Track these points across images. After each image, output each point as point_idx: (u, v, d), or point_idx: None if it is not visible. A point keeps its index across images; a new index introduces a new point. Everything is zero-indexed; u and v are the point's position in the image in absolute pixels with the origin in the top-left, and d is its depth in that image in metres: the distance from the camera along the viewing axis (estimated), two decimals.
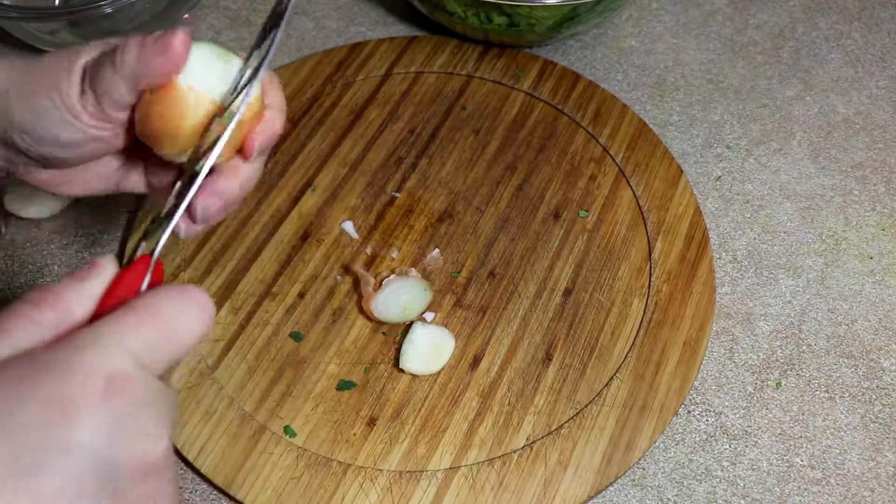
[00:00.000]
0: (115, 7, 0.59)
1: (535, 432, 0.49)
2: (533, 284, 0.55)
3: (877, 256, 0.59)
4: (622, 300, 0.55)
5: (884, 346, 0.55)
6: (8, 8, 0.59)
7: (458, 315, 0.54)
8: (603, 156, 0.61)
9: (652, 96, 0.67)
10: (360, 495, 0.47)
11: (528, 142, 0.62)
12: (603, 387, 0.51)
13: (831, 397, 0.53)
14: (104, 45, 0.35)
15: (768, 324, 0.55)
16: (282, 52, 0.69)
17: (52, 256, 0.58)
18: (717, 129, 0.65)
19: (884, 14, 0.73)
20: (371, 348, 0.52)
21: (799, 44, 0.71)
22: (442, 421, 0.50)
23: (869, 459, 0.50)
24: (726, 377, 0.53)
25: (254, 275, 0.55)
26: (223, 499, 0.48)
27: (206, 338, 0.52)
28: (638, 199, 0.59)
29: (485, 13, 0.61)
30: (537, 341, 0.53)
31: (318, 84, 0.64)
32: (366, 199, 0.59)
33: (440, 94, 0.64)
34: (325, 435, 0.49)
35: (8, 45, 0.69)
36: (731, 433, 0.51)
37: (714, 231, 0.59)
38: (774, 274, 0.58)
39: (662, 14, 0.72)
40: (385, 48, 0.66)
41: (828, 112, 0.66)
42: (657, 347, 0.52)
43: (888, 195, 0.62)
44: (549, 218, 0.58)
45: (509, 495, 0.47)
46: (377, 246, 0.56)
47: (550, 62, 0.66)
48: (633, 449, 0.49)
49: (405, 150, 0.61)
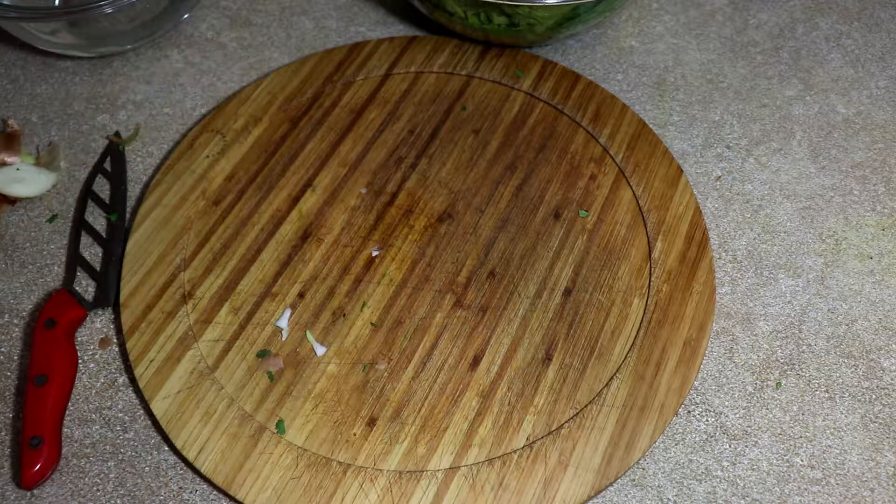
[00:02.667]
0: (115, 7, 0.59)
1: (535, 432, 0.49)
2: (533, 284, 0.55)
3: (877, 256, 0.59)
4: (622, 300, 0.55)
5: (884, 346, 0.55)
6: (8, 8, 0.59)
7: (458, 315, 0.54)
8: (603, 156, 0.61)
9: (652, 96, 0.67)
10: (360, 495, 0.47)
11: (528, 142, 0.62)
12: (603, 387, 0.51)
13: (831, 397, 0.53)
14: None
15: (768, 324, 0.55)
16: (282, 52, 0.69)
17: (51, 256, 0.58)
18: (717, 129, 0.65)
19: (884, 14, 0.73)
20: (371, 348, 0.52)
21: (799, 44, 0.71)
22: (442, 421, 0.50)
23: (869, 459, 0.50)
24: (726, 377, 0.53)
25: (254, 275, 0.55)
26: (223, 499, 0.49)
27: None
28: (638, 199, 0.59)
29: (485, 13, 0.61)
30: (537, 341, 0.53)
31: (318, 84, 0.64)
32: (366, 199, 0.59)
33: (440, 94, 0.64)
34: (325, 435, 0.49)
35: (8, 45, 0.69)
36: (731, 433, 0.51)
37: (714, 231, 0.59)
38: (774, 274, 0.58)
39: (662, 14, 0.72)
40: (385, 48, 0.66)
41: (828, 112, 0.66)
42: (657, 347, 0.52)
43: (888, 195, 0.62)
44: (549, 218, 0.58)
45: (509, 495, 0.47)
46: (377, 246, 0.57)
47: (550, 62, 0.66)
48: (633, 449, 0.49)
49: (405, 150, 0.61)
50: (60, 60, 0.68)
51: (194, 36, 0.70)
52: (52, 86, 0.67)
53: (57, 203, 0.60)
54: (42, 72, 0.67)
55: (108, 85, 0.67)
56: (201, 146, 0.61)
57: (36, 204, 0.60)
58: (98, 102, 0.66)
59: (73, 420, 0.51)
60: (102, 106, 0.65)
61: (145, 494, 0.49)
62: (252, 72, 0.68)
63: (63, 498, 0.48)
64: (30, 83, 0.67)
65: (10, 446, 0.50)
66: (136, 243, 0.56)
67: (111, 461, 0.50)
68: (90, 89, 0.66)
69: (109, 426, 0.51)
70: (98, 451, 0.50)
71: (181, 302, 0.54)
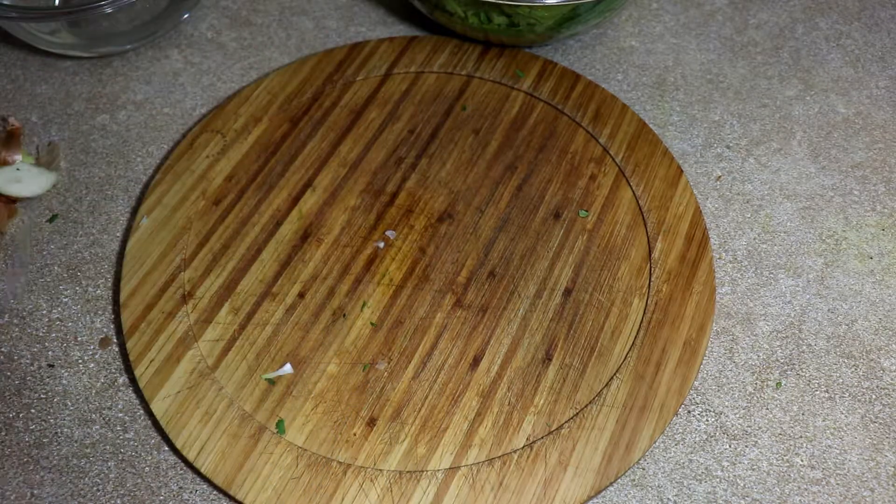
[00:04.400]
0: (115, 7, 0.59)
1: (535, 432, 0.49)
2: (533, 284, 0.55)
3: (877, 256, 0.59)
4: (622, 300, 0.55)
5: (884, 346, 0.55)
6: (8, 8, 0.59)
7: (458, 315, 0.54)
8: (603, 156, 0.61)
9: (652, 96, 0.67)
10: (360, 495, 0.47)
11: (528, 142, 0.62)
12: (603, 387, 0.51)
13: (831, 397, 0.53)
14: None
15: (768, 324, 0.55)
16: (282, 52, 0.69)
17: (52, 256, 0.58)
18: (717, 129, 0.65)
19: (884, 14, 0.73)
20: (371, 348, 0.52)
21: (799, 44, 0.71)
22: (442, 421, 0.50)
23: (869, 459, 0.50)
24: (726, 377, 0.53)
25: (254, 275, 0.55)
26: (223, 499, 0.49)
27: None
28: (638, 199, 0.59)
29: (485, 13, 0.61)
30: (537, 341, 0.53)
31: (318, 84, 0.64)
32: (366, 199, 0.59)
33: (440, 94, 0.64)
34: (325, 435, 0.49)
35: (8, 44, 0.69)
36: (731, 433, 0.51)
37: (714, 231, 0.59)
38: (774, 274, 0.58)
39: (662, 14, 0.72)
40: (385, 48, 0.66)
41: (828, 112, 0.66)
42: (657, 347, 0.52)
43: (888, 195, 0.62)
44: (549, 218, 0.58)
45: (509, 495, 0.47)
46: (377, 246, 0.57)
47: (550, 62, 0.66)
48: (633, 449, 0.49)
49: (405, 150, 0.61)
50: (60, 60, 0.68)
51: (194, 36, 0.70)
52: (52, 86, 0.67)
53: (57, 203, 0.60)
54: (42, 72, 0.67)
55: (108, 85, 0.67)
56: (201, 146, 0.61)
57: (36, 204, 0.60)
58: (98, 102, 0.66)
59: (74, 420, 0.51)
60: (102, 106, 0.65)
61: (145, 494, 0.49)
62: (252, 72, 0.68)
63: (63, 498, 0.48)
64: (30, 83, 0.67)
65: (9, 446, 0.50)
66: (136, 243, 0.56)
67: (111, 461, 0.50)
68: (90, 89, 0.66)
69: (109, 426, 0.51)
70: (98, 451, 0.50)
71: (181, 302, 0.54)
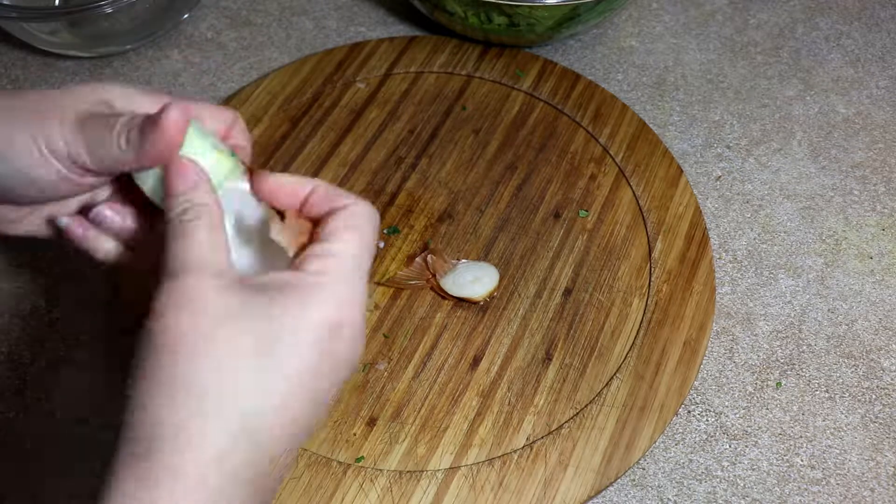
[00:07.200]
0: (115, 7, 0.59)
1: (535, 432, 0.49)
2: (533, 284, 0.55)
3: (877, 256, 0.59)
4: (622, 300, 0.55)
5: (884, 346, 0.55)
6: (8, 8, 0.59)
7: (458, 315, 0.54)
8: (603, 156, 0.61)
9: (652, 96, 0.67)
10: (360, 495, 0.47)
11: (528, 142, 0.62)
12: (603, 387, 0.51)
13: (831, 397, 0.53)
14: (96, 93, 0.36)
15: (768, 324, 0.55)
16: (282, 52, 0.69)
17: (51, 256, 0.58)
18: (717, 129, 0.65)
19: (884, 14, 0.73)
20: (371, 348, 0.52)
21: (799, 44, 0.71)
22: (442, 421, 0.50)
23: (869, 459, 0.50)
24: (726, 377, 0.53)
25: None
26: None
27: None
28: (638, 199, 0.59)
29: (485, 13, 0.61)
30: (537, 341, 0.53)
31: (318, 84, 0.64)
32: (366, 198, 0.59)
33: (440, 93, 0.64)
34: (325, 435, 0.49)
35: (8, 44, 0.69)
36: (731, 433, 0.51)
37: (714, 231, 0.59)
38: (774, 274, 0.58)
39: (662, 14, 0.72)
40: (385, 48, 0.66)
41: (828, 112, 0.66)
42: (657, 347, 0.52)
43: (888, 195, 0.62)
44: (549, 218, 0.58)
45: (509, 495, 0.47)
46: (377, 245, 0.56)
47: (550, 62, 0.66)
48: (633, 449, 0.49)
49: (405, 150, 0.61)
50: (60, 60, 0.68)
51: (194, 36, 0.70)
52: (52, 86, 0.67)
53: None
54: (42, 72, 0.67)
55: None
56: None
57: None
58: None
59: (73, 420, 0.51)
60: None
61: None
62: (252, 72, 0.68)
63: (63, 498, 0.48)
64: (30, 83, 0.67)
65: (9, 446, 0.50)
66: None
67: None
68: None
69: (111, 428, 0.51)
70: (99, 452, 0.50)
71: None
